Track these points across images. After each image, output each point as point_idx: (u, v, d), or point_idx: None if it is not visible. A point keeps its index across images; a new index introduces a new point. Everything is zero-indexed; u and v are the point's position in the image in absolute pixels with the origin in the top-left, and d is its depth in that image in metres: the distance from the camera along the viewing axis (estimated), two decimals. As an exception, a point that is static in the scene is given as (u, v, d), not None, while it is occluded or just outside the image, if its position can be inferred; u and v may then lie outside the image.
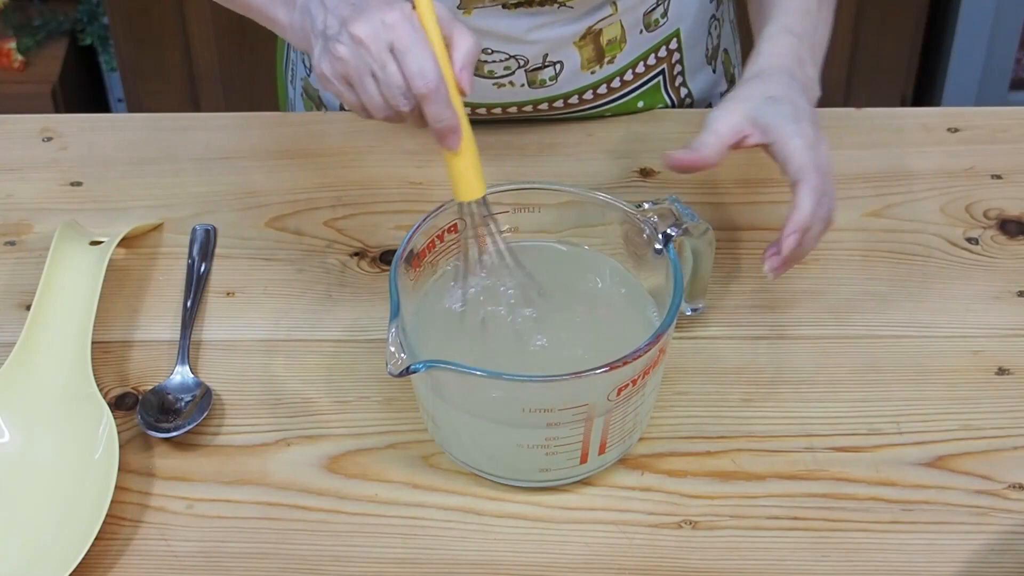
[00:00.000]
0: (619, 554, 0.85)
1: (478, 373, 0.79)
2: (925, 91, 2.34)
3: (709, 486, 0.88)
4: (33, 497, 0.88)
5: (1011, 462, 0.90)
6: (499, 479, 0.88)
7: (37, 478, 0.89)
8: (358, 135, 1.16)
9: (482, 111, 1.14)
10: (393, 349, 0.80)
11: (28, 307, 0.98)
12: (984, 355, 0.97)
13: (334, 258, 1.05)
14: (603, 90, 1.16)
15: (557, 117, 1.17)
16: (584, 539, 0.86)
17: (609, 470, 0.89)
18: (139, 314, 1.01)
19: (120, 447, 0.88)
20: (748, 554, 0.85)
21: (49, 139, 1.17)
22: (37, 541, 0.85)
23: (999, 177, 1.12)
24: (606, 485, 0.89)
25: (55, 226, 1.03)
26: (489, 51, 1.09)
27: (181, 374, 0.95)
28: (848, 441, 0.91)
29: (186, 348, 0.97)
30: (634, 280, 0.92)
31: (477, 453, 0.87)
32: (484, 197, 0.88)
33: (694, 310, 0.96)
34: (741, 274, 1.02)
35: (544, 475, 0.87)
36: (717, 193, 1.09)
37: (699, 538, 0.85)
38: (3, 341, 0.97)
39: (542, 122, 1.17)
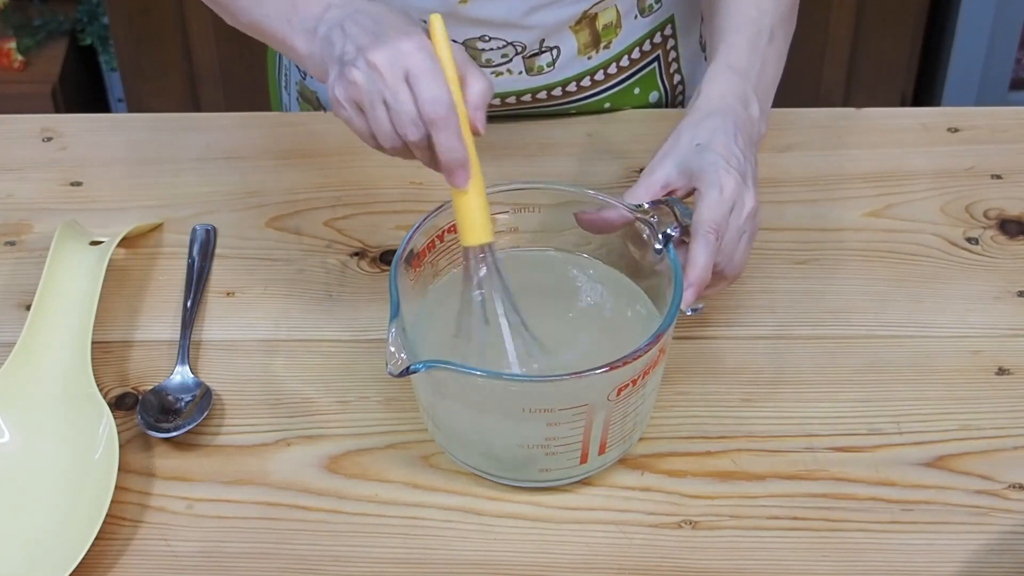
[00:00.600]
0: (619, 554, 0.85)
1: (478, 373, 0.79)
2: (925, 91, 2.34)
3: (709, 486, 0.88)
4: (33, 497, 0.88)
5: (1011, 462, 0.90)
6: (499, 479, 0.88)
7: (37, 478, 0.89)
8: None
9: None
10: (393, 349, 0.80)
11: (28, 307, 0.98)
12: (984, 355, 0.97)
13: (334, 258, 1.05)
14: (600, 76, 1.16)
15: (557, 109, 1.17)
16: (584, 539, 0.86)
17: (609, 470, 0.89)
18: (139, 314, 1.01)
19: (120, 447, 0.88)
20: (748, 554, 0.85)
21: (49, 139, 1.17)
22: (37, 541, 0.85)
23: (999, 177, 1.12)
24: (606, 485, 0.89)
25: (55, 226, 1.03)
26: (486, 38, 1.10)
27: (181, 374, 0.95)
28: (848, 441, 0.91)
29: (186, 348, 0.97)
30: (632, 286, 0.92)
31: (477, 453, 0.87)
32: (491, 244, 0.87)
33: (694, 310, 0.96)
34: (741, 274, 1.02)
35: (544, 475, 0.87)
36: (717, 193, 1.09)
37: (699, 538, 0.85)
38: (3, 341, 0.97)
39: (542, 122, 1.17)
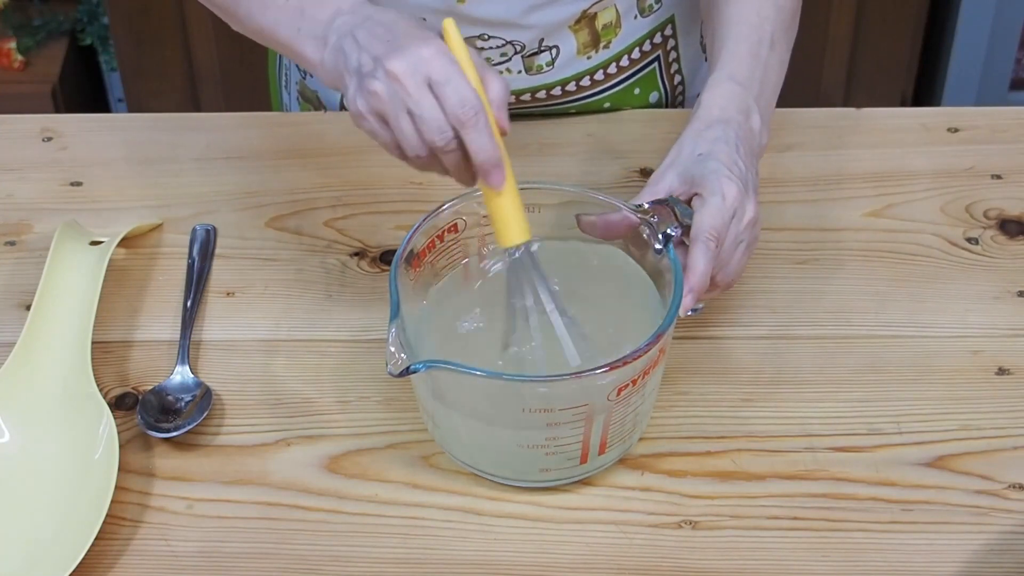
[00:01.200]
0: (619, 554, 0.85)
1: (478, 373, 0.79)
2: (925, 91, 2.34)
3: (709, 486, 0.88)
4: (33, 497, 0.88)
5: (1011, 462, 0.90)
6: (499, 479, 0.88)
7: (37, 478, 0.89)
8: (358, 135, 1.15)
9: None
10: (393, 349, 0.80)
11: (28, 307, 0.98)
12: (984, 355, 0.97)
13: (334, 258, 1.05)
14: (600, 76, 1.16)
15: (557, 109, 1.17)
16: (584, 539, 0.86)
17: (609, 470, 0.89)
18: (139, 314, 1.01)
19: (120, 447, 0.88)
20: (748, 554, 0.85)
21: (49, 139, 1.17)
22: (37, 541, 0.85)
23: (999, 177, 1.12)
24: (606, 485, 0.89)
25: (55, 226, 1.03)
26: (485, 37, 1.10)
27: (181, 374, 0.95)
28: (848, 441, 0.91)
29: (186, 348, 0.97)
30: (641, 275, 0.92)
31: (477, 453, 0.87)
32: (530, 243, 0.86)
33: (694, 311, 0.96)
34: (735, 283, 1.02)
35: (544, 475, 0.87)
36: (717, 193, 1.09)
37: (699, 538, 0.85)
38: (3, 341, 0.97)
39: (542, 122, 1.17)
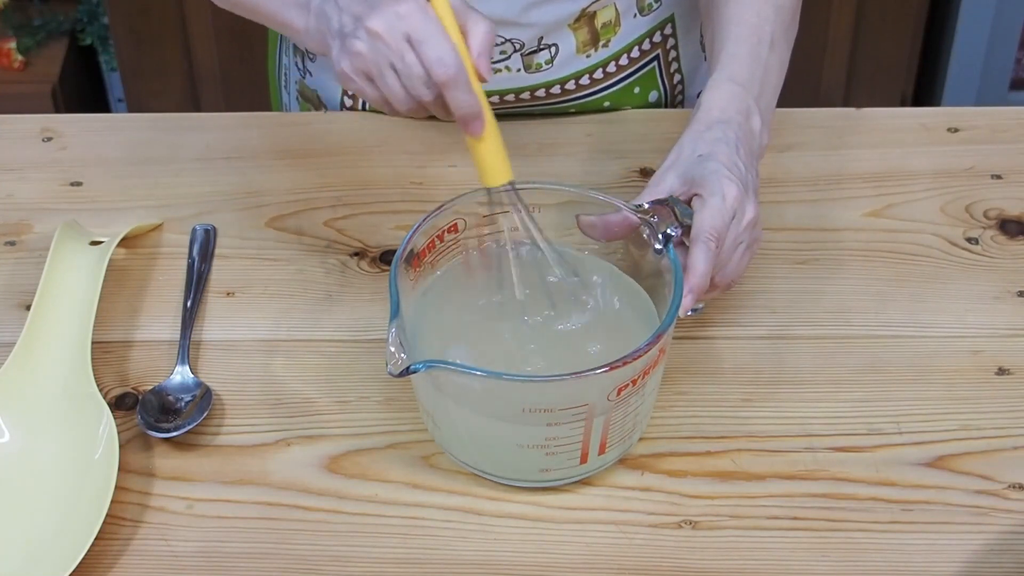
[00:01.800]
0: (619, 554, 0.85)
1: (478, 373, 0.79)
2: (925, 91, 2.34)
3: (709, 486, 0.88)
4: (33, 497, 0.88)
5: (1011, 462, 0.90)
6: (499, 479, 0.88)
7: (37, 478, 0.89)
8: (358, 135, 1.16)
9: None
10: (393, 349, 0.80)
11: (28, 307, 0.98)
12: (984, 355, 0.97)
13: (334, 258, 1.05)
14: (599, 75, 1.16)
15: (556, 107, 1.17)
16: (584, 539, 0.86)
17: (609, 470, 0.89)
18: (139, 314, 1.01)
19: (120, 447, 0.87)
20: (748, 554, 0.85)
21: (49, 139, 1.17)
22: (37, 541, 0.85)
23: (999, 177, 1.12)
24: (606, 485, 0.89)
25: (55, 226, 1.03)
26: None
27: (181, 374, 0.95)
28: (848, 441, 0.91)
29: (186, 348, 0.97)
30: (632, 283, 0.92)
31: (477, 453, 0.87)
32: (512, 182, 0.88)
33: (694, 311, 0.96)
34: (734, 284, 1.02)
35: (544, 475, 0.87)
36: (717, 193, 1.09)
37: (699, 538, 0.85)
38: (3, 341, 0.97)
39: (542, 121, 1.17)
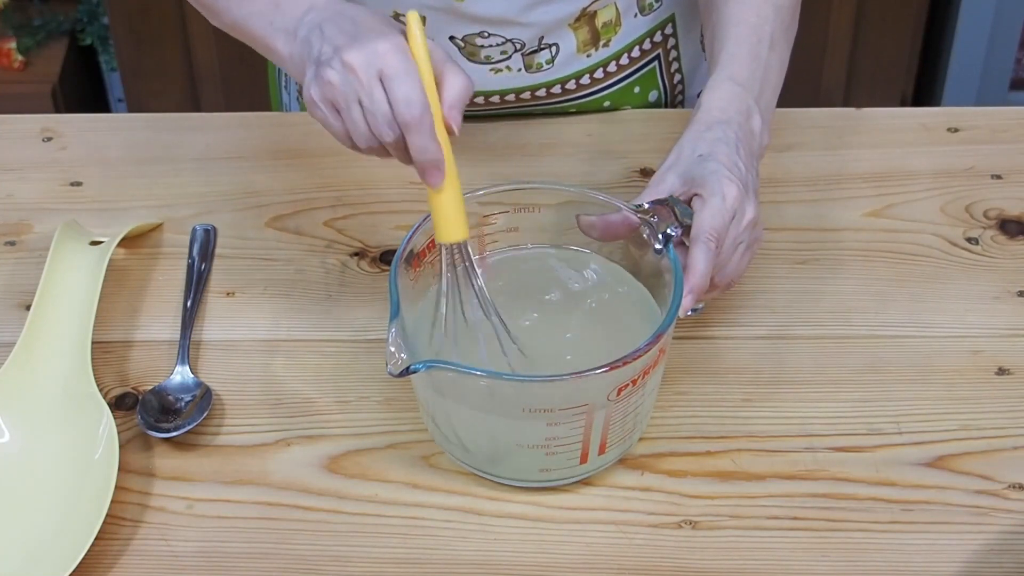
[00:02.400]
0: (619, 554, 0.85)
1: (478, 373, 0.79)
2: (925, 91, 2.34)
3: (709, 486, 0.88)
4: (33, 497, 0.88)
5: (1011, 462, 0.90)
6: (499, 479, 0.88)
7: (37, 478, 0.89)
8: (358, 135, 1.16)
9: (480, 100, 1.15)
10: (393, 349, 0.80)
11: (28, 307, 0.98)
12: (984, 355, 0.97)
13: (334, 258, 1.05)
14: (599, 74, 1.16)
15: (556, 107, 1.17)
16: (584, 539, 0.86)
17: (609, 470, 0.89)
18: (139, 314, 1.01)
19: (120, 447, 0.87)
20: (748, 554, 0.85)
21: (49, 139, 1.17)
22: (37, 541, 0.85)
23: (999, 177, 1.12)
24: (606, 485, 0.89)
25: (55, 226, 1.03)
26: (485, 35, 1.10)
27: (181, 374, 0.95)
28: (848, 441, 0.91)
29: (186, 348, 0.97)
30: (633, 280, 0.92)
31: (477, 453, 0.87)
32: (465, 242, 0.86)
33: (694, 311, 0.96)
34: (734, 284, 1.02)
35: (544, 475, 0.87)
36: (717, 193, 1.09)
37: (699, 538, 0.85)
38: (3, 341, 0.97)
39: (542, 122, 1.17)
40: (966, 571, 0.83)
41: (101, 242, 1.02)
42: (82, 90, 2.43)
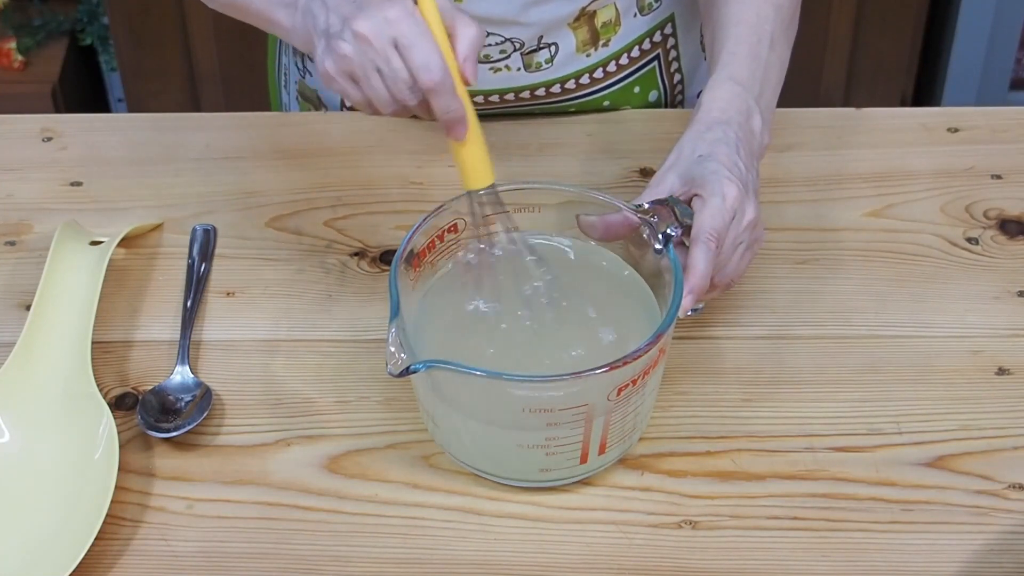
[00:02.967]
0: (619, 554, 0.85)
1: (478, 373, 0.79)
2: (925, 91, 2.34)
3: (709, 486, 0.88)
4: (33, 497, 0.88)
5: (1011, 462, 0.90)
6: (499, 479, 0.88)
7: (37, 478, 0.89)
8: (358, 135, 1.16)
9: (479, 99, 1.15)
10: (393, 349, 0.80)
11: (28, 307, 0.98)
12: (984, 355, 0.97)
13: (334, 258, 1.05)
14: (599, 74, 1.16)
15: (556, 107, 1.17)
16: (584, 539, 0.86)
17: (609, 470, 0.89)
18: (139, 314, 1.01)
19: (120, 447, 0.87)
20: (748, 554, 0.85)
21: (49, 139, 1.17)
22: (37, 541, 0.85)
23: (999, 177, 1.12)
24: (606, 485, 0.89)
25: (55, 226, 1.03)
26: (485, 33, 1.10)
27: (181, 374, 0.95)
28: (848, 441, 0.91)
29: (186, 348, 0.97)
30: (636, 277, 0.92)
31: (477, 453, 0.87)
32: (494, 186, 0.88)
33: (694, 310, 0.96)
34: (734, 284, 1.02)
35: (544, 475, 0.87)
36: (717, 193, 1.09)
37: (699, 538, 0.85)
38: (3, 341, 0.97)
39: (542, 122, 1.17)
40: (966, 571, 0.83)
41: (101, 242, 1.02)
42: (82, 90, 2.43)
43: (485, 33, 0.87)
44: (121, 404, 0.94)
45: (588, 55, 1.15)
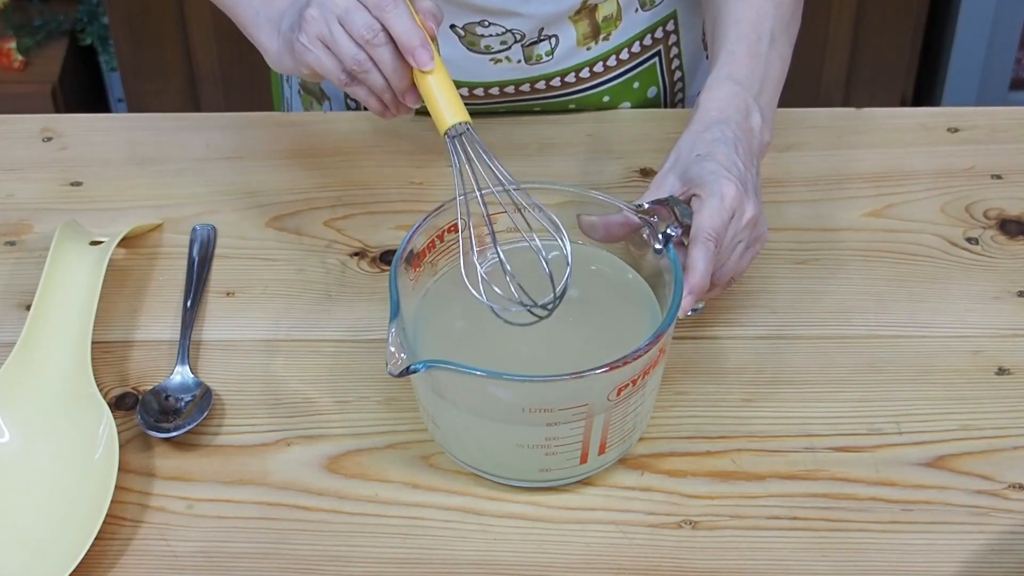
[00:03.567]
0: (619, 554, 0.85)
1: (478, 373, 0.79)
2: (925, 91, 2.34)
3: (709, 486, 0.88)
4: (33, 497, 0.88)
5: (1011, 462, 0.90)
6: (499, 479, 0.88)
7: (37, 478, 0.89)
8: (358, 135, 1.16)
9: (480, 92, 1.15)
10: (393, 349, 0.80)
11: (28, 307, 0.98)
12: (984, 355, 0.97)
13: (334, 258, 1.05)
14: (599, 68, 1.16)
15: (556, 101, 1.17)
16: (584, 539, 0.86)
17: (609, 470, 0.89)
18: (139, 314, 1.01)
19: (120, 447, 0.88)
20: (748, 554, 0.85)
21: (49, 139, 1.17)
22: (37, 541, 0.85)
23: (999, 177, 1.12)
24: (606, 485, 0.89)
25: (55, 226, 1.03)
26: (486, 23, 1.10)
27: (181, 374, 0.95)
28: (848, 441, 0.91)
29: (186, 348, 0.97)
30: (636, 277, 0.92)
31: (477, 453, 0.87)
32: (468, 123, 0.88)
33: (694, 310, 0.96)
34: (733, 283, 1.02)
35: (544, 475, 0.87)
36: (717, 193, 1.09)
37: (699, 538, 0.85)
38: (3, 341, 0.97)
39: (542, 121, 1.17)
40: (966, 571, 0.84)
41: (101, 242, 1.02)
42: (82, 90, 2.43)
43: (442, 13, 0.91)
44: (121, 404, 0.94)
45: (588, 49, 1.15)
